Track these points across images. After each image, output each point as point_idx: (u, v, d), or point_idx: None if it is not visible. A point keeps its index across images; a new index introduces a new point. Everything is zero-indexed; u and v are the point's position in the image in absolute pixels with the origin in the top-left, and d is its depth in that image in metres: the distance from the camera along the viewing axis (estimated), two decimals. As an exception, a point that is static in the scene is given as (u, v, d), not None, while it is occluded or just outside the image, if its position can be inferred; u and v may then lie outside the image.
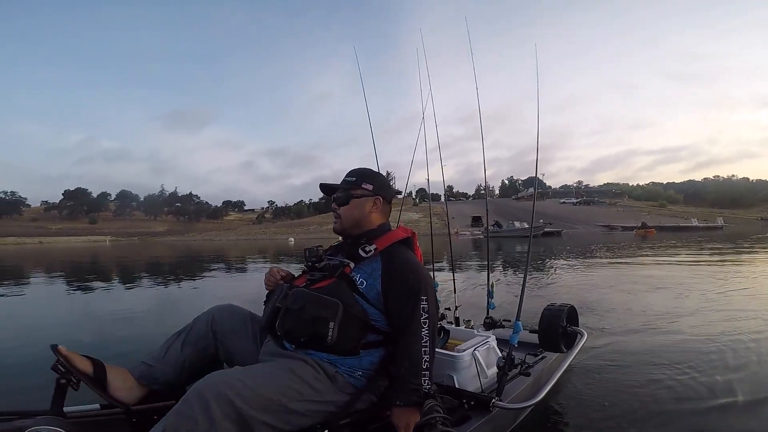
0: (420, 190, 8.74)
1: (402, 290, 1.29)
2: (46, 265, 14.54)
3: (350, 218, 1.42)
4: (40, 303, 6.15)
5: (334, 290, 1.27)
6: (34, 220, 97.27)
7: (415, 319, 1.26)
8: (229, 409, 1.03)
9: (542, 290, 5.88)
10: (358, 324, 1.27)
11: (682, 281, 6.25)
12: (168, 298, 6.34)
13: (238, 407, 1.04)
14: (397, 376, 1.28)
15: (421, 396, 1.24)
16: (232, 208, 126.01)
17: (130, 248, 31.12)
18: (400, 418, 1.23)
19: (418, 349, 1.25)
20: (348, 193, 1.43)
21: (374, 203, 1.43)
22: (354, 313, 1.26)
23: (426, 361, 1.25)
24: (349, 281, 1.31)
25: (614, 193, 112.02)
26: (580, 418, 1.87)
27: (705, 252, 12.72)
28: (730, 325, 3.37)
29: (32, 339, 3.57)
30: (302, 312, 1.24)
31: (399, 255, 1.36)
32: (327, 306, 1.23)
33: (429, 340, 1.26)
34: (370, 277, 1.31)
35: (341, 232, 1.46)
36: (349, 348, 1.26)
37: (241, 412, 1.04)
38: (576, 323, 2.23)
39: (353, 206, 1.42)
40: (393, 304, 1.29)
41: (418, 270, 1.34)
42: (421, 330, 1.26)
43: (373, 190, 1.43)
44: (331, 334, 1.21)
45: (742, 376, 2.25)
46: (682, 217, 59.17)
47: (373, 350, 1.31)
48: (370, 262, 1.34)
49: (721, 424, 1.76)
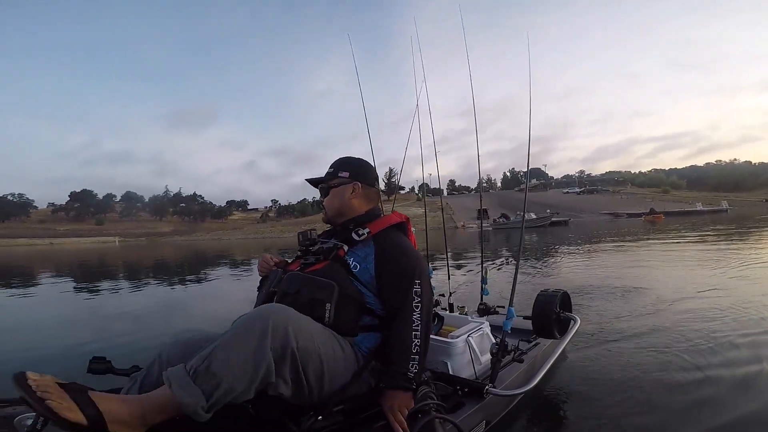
0: (422, 185, 8.64)
1: (395, 273, 1.29)
2: (68, 266, 14.37)
3: (332, 207, 1.46)
4: (69, 303, 6.05)
5: (329, 272, 1.27)
6: (42, 222, 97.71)
7: (407, 303, 1.26)
8: (281, 340, 1.05)
9: (543, 278, 5.90)
10: (354, 305, 1.27)
11: (685, 264, 6.30)
12: (208, 294, 6.59)
13: (289, 341, 1.06)
14: (386, 360, 1.28)
15: (408, 380, 1.22)
16: (235, 207, 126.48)
17: (140, 249, 30.88)
18: (388, 401, 1.23)
19: (408, 332, 1.24)
20: (327, 184, 1.47)
21: (353, 189, 1.44)
22: (350, 293, 1.26)
23: (417, 345, 1.24)
24: (344, 264, 1.31)
25: (617, 181, 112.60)
26: (573, 403, 1.88)
27: (710, 234, 12.95)
28: (733, 310, 3.31)
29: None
30: (298, 295, 1.24)
31: (392, 238, 1.36)
32: (323, 287, 1.23)
33: (421, 324, 1.25)
34: (363, 260, 1.32)
35: (327, 221, 1.49)
36: (348, 329, 1.26)
37: (288, 345, 1.06)
38: (569, 309, 2.23)
39: (333, 195, 1.45)
40: (386, 288, 1.30)
41: (412, 254, 1.34)
42: (413, 314, 1.25)
43: (350, 176, 1.45)
44: (328, 315, 1.21)
45: (739, 364, 2.24)
46: (687, 202, 59.38)
47: (370, 334, 1.31)
48: (363, 246, 1.34)
49: (716, 411, 1.75)
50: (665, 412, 1.75)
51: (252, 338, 1.02)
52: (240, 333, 1.04)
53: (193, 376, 0.98)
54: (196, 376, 0.98)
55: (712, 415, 1.71)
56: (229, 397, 1.00)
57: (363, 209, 1.45)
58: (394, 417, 1.20)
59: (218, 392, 0.98)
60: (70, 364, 2.65)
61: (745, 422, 1.64)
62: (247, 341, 1.02)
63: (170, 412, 0.99)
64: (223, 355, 1.00)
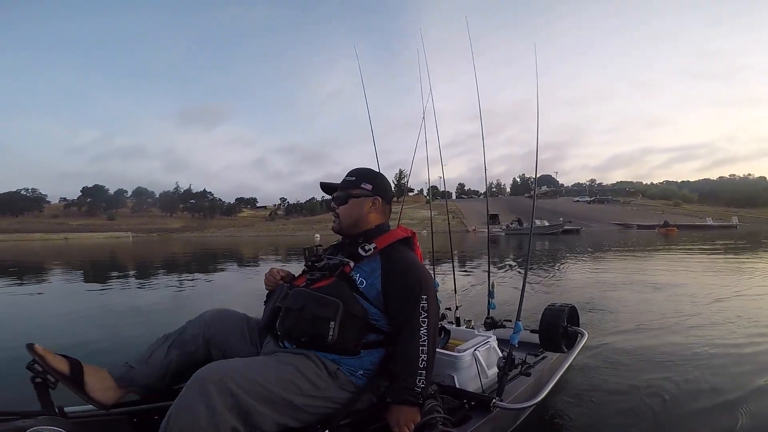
0: (430, 188, 8.71)
1: (401, 289, 1.29)
2: (90, 261, 14.50)
3: (349, 217, 1.43)
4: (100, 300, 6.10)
5: (335, 289, 1.28)
6: (55, 217, 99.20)
7: (414, 318, 1.26)
8: (230, 400, 1.03)
9: (552, 289, 5.87)
10: (358, 323, 1.27)
11: (693, 279, 6.26)
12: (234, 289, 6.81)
13: (239, 398, 1.04)
14: (392, 375, 1.28)
15: (415, 395, 1.23)
16: (244, 204, 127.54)
17: (153, 244, 31.12)
18: (393, 416, 1.23)
19: (415, 347, 1.25)
20: (347, 192, 1.43)
21: (373, 203, 1.43)
22: (354, 312, 1.26)
23: (423, 361, 1.24)
24: (349, 280, 1.31)
25: (628, 191, 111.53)
26: (580, 418, 1.87)
27: (719, 250, 12.89)
28: (739, 326, 3.31)
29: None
30: (303, 311, 1.24)
31: (399, 254, 1.36)
32: (327, 305, 1.23)
33: (428, 339, 1.26)
34: (370, 276, 1.31)
35: (339, 231, 1.46)
36: (350, 347, 1.26)
37: (241, 402, 1.05)
38: (577, 323, 2.23)
39: (352, 206, 1.43)
40: (392, 303, 1.29)
41: (418, 269, 1.34)
42: (420, 329, 1.26)
43: (373, 190, 1.44)
44: (331, 334, 1.21)
45: (747, 379, 2.24)
46: (697, 216, 59.04)
47: (374, 350, 1.31)
48: (369, 262, 1.34)
49: (724, 425, 1.74)
50: (673, 427, 1.74)
51: (199, 410, 1.01)
52: (183, 406, 1.02)
53: None
54: None
55: (721, 429, 1.70)
56: None
57: (376, 224, 1.45)
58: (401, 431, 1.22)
59: None
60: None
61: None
62: (197, 416, 1.00)
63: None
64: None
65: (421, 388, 1.24)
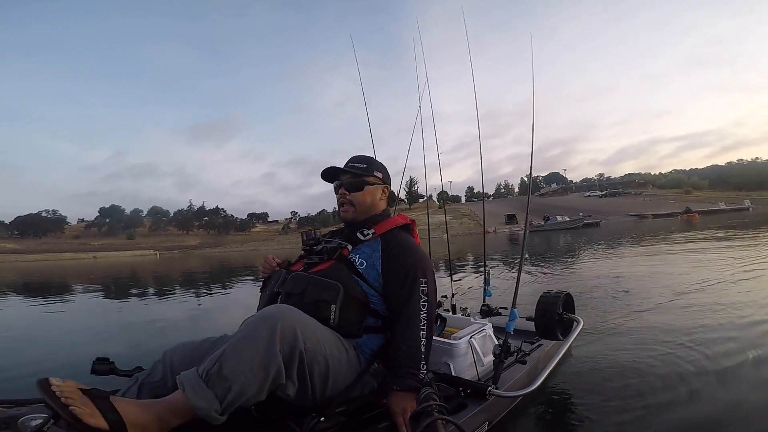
0: (442, 192, 9.11)
1: (400, 271, 1.28)
2: (135, 278, 13.97)
3: (364, 204, 1.42)
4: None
5: (334, 272, 1.27)
6: (77, 237, 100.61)
7: (413, 302, 1.26)
8: (290, 343, 1.05)
9: (550, 279, 5.89)
10: (359, 306, 1.26)
11: (699, 263, 6.20)
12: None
13: (298, 343, 1.06)
14: (394, 360, 1.26)
15: (419, 381, 1.23)
16: (256, 219, 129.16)
17: (178, 261, 30.62)
18: (397, 403, 1.22)
19: (416, 332, 1.24)
20: (362, 179, 1.41)
21: (383, 191, 1.45)
22: (355, 294, 1.25)
23: (423, 346, 1.24)
24: (348, 263, 1.30)
25: (637, 183, 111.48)
26: (576, 405, 1.88)
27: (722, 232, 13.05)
28: (740, 312, 3.24)
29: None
30: (303, 296, 1.23)
31: (398, 237, 1.36)
32: (328, 288, 1.23)
33: (427, 324, 1.26)
34: (370, 257, 1.31)
35: (353, 219, 1.43)
36: (352, 330, 1.26)
37: (297, 347, 1.06)
38: (572, 310, 2.23)
39: (367, 193, 1.42)
40: (391, 285, 1.29)
41: (418, 252, 1.34)
42: (420, 313, 1.25)
43: (383, 178, 1.46)
44: (333, 317, 1.21)
45: (746, 366, 2.20)
46: (709, 201, 59.63)
47: (373, 335, 1.31)
48: (369, 244, 1.34)
49: (724, 410, 1.74)
50: (670, 413, 1.74)
51: (261, 340, 1.03)
52: (249, 335, 1.04)
53: (205, 379, 1.00)
54: (208, 379, 1.00)
55: (719, 414, 1.71)
56: (242, 400, 1.01)
57: (381, 210, 1.46)
58: (405, 418, 1.20)
59: (231, 395, 0.99)
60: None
61: (754, 418, 1.65)
62: (256, 343, 1.03)
63: (186, 415, 1.00)
64: (233, 357, 1.01)
65: (424, 374, 1.24)
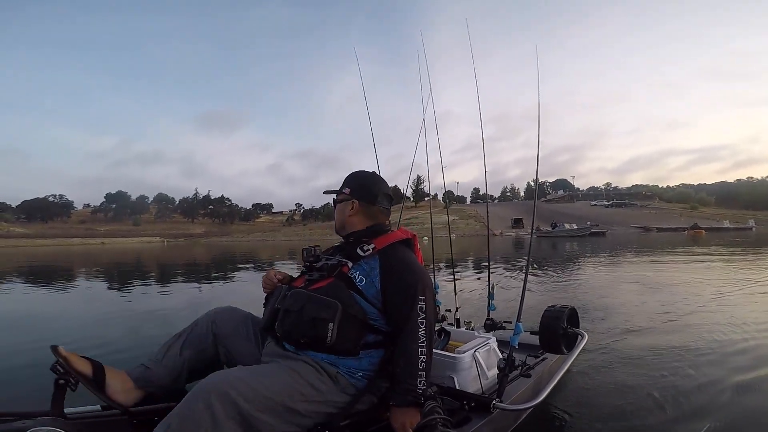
0: (446, 193, 9.26)
1: (400, 288, 1.30)
2: (156, 265, 14.32)
3: (337, 221, 1.52)
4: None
5: (333, 290, 1.28)
6: (83, 222, 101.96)
7: (412, 319, 1.27)
8: (233, 409, 1.03)
9: (554, 291, 5.79)
10: (357, 324, 1.27)
11: (699, 280, 6.22)
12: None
13: (241, 407, 1.04)
14: (393, 376, 1.28)
15: (417, 396, 1.24)
16: (261, 210, 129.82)
17: (186, 248, 30.81)
18: (397, 418, 1.24)
19: (414, 348, 1.25)
20: (335, 198, 1.53)
21: (351, 206, 1.46)
22: (353, 313, 1.26)
23: (422, 362, 1.25)
24: (348, 280, 1.32)
25: (644, 195, 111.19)
26: (580, 419, 1.88)
27: (723, 251, 12.97)
28: (741, 326, 3.30)
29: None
30: (301, 313, 1.24)
31: (397, 254, 1.37)
32: (326, 306, 1.24)
33: (426, 340, 1.27)
34: (369, 274, 1.32)
35: (336, 232, 1.53)
36: (349, 348, 1.26)
37: (243, 412, 1.05)
38: (577, 324, 2.25)
39: (337, 211, 1.51)
40: (391, 302, 1.30)
41: (417, 269, 1.35)
42: (419, 330, 1.27)
43: (350, 193, 1.47)
44: (330, 335, 1.22)
45: (747, 379, 2.24)
46: (714, 219, 59.67)
47: (373, 351, 1.31)
48: (368, 260, 1.35)
49: (725, 424, 1.75)
50: (673, 428, 1.74)
51: (202, 419, 1.00)
52: (187, 415, 1.01)
53: None
54: None
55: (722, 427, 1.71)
56: None
57: (363, 226, 1.46)
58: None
59: None
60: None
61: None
62: (197, 424, 1.00)
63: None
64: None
65: (422, 389, 1.25)
